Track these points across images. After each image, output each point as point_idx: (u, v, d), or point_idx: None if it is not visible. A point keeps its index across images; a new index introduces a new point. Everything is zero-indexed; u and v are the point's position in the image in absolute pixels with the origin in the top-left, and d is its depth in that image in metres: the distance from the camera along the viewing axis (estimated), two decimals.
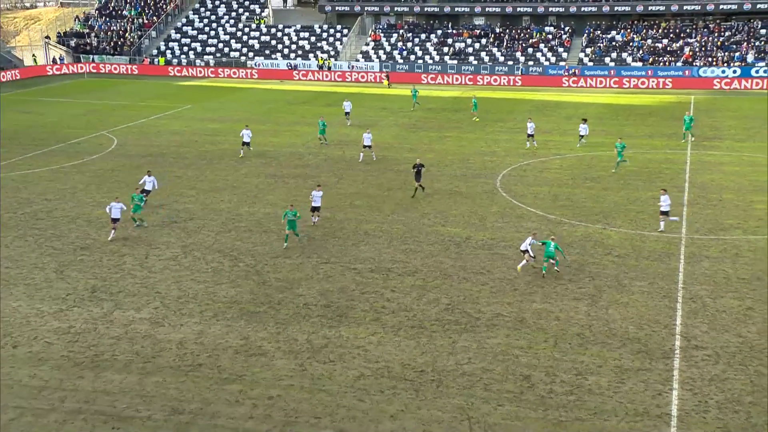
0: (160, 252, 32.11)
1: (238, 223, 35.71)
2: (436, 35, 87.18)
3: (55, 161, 46.58)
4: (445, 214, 36.93)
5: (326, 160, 47.19)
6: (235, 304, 27.15)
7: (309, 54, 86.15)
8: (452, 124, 59.38)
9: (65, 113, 62.03)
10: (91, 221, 35.76)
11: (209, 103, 67.89)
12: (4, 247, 32.47)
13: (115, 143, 51.72)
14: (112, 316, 26.20)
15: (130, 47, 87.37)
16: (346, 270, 30.26)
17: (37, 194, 39.73)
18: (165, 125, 58.10)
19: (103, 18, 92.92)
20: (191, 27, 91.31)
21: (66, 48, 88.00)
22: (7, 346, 24.04)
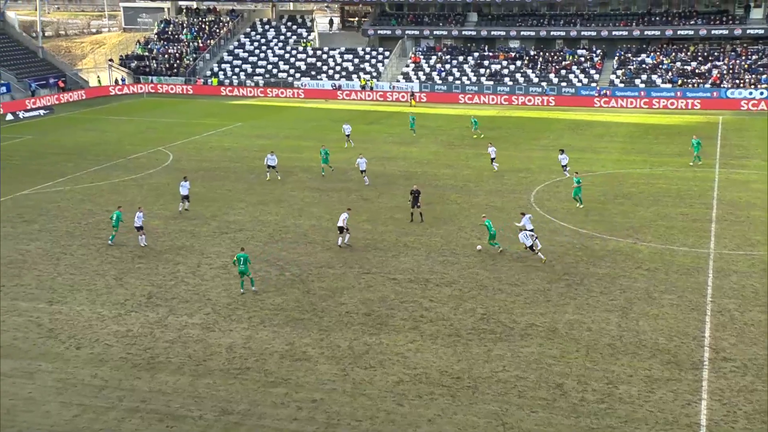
0: (212, 261, 32.38)
1: (284, 235, 35.89)
2: (473, 57, 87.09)
3: (116, 175, 47.28)
4: (481, 228, 36.72)
5: (368, 176, 47.26)
6: (281, 311, 27.25)
7: (352, 75, 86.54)
8: (488, 141, 59.11)
9: (126, 130, 63.00)
10: (148, 231, 36.17)
11: (258, 121, 68.47)
12: (69, 255, 33.00)
13: (171, 158, 52.37)
14: (167, 320, 26.46)
15: (186, 69, 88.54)
16: (386, 280, 30.23)
17: (99, 206, 40.34)
18: (217, 142, 58.70)
19: (161, 42, 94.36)
20: (242, 50, 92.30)
21: (127, 70, 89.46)
22: (71, 348, 24.40)
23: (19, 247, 33.79)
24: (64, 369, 23.00)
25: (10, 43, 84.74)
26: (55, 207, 40.09)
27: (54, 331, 25.54)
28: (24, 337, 25.08)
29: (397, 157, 52.80)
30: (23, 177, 46.51)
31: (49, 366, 23.17)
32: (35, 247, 33.88)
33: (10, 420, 20.34)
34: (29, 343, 24.72)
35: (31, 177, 46.52)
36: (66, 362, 23.45)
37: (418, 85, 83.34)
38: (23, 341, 24.82)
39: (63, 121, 68.00)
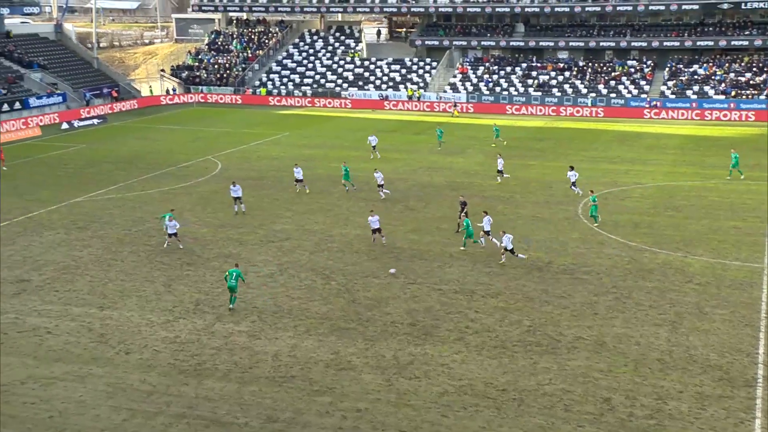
0: (258, 269, 32.67)
1: (330, 244, 36.06)
2: (521, 68, 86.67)
3: (166, 183, 48.03)
4: (527, 239, 36.46)
5: (414, 186, 47.30)
6: (327, 320, 27.35)
7: (399, 85, 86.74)
8: (535, 152, 58.76)
9: (176, 139, 64.01)
10: (196, 239, 36.68)
11: (305, 131, 69.01)
12: (120, 261, 33.60)
13: (219, 167, 53.03)
14: (214, 328, 26.75)
15: (235, 79, 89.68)
16: (431, 290, 30.16)
17: (149, 213, 41.01)
18: (265, 151, 59.28)
19: (211, 52, 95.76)
20: (291, 60, 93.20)
21: (178, 80, 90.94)
22: (121, 353, 24.82)
23: (73, 253, 34.50)
24: (113, 374, 23.39)
25: (67, 54, 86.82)
26: (107, 214, 40.87)
27: (105, 336, 26.00)
28: (76, 342, 25.58)
29: (443, 168, 52.72)
30: (77, 184, 47.53)
31: (99, 370, 23.59)
32: (87, 253, 34.56)
33: (62, 422, 20.75)
34: (81, 347, 25.20)
35: (84, 185, 47.52)
36: (116, 367, 23.85)
37: (465, 95, 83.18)
38: (75, 346, 25.32)
39: (116, 130, 69.36)
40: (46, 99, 74.15)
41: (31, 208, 41.75)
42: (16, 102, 71.00)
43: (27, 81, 75.86)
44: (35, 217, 40.22)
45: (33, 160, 55.62)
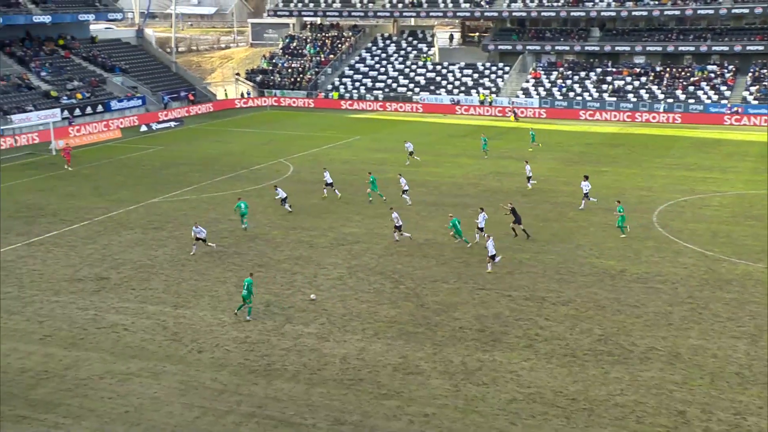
0: (328, 272, 32.93)
1: (399, 248, 36.10)
2: (596, 73, 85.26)
3: (239, 185, 48.86)
4: (600, 247, 35.83)
5: (485, 191, 47.00)
6: (395, 324, 27.39)
7: (471, 90, 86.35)
8: (609, 159, 57.71)
9: (249, 142, 65.07)
10: (268, 241, 37.20)
11: (376, 135, 69.29)
12: (194, 261, 34.33)
13: (291, 170, 53.67)
14: (284, 329, 27.07)
15: (308, 83, 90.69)
16: (501, 297, 29.91)
17: (222, 215, 41.79)
18: (336, 154, 59.75)
19: (285, 56, 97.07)
20: (363, 64, 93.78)
21: (252, 84, 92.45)
22: (193, 351, 25.34)
23: (149, 252, 35.40)
24: (186, 371, 23.90)
25: (147, 58, 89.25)
26: (181, 215, 41.80)
27: (178, 335, 26.59)
28: (151, 339, 26.23)
29: (514, 173, 52.24)
30: (154, 185, 48.77)
31: (173, 368, 24.14)
32: (162, 252, 35.41)
33: (137, 417, 21.30)
34: (155, 345, 25.83)
35: (161, 186, 48.73)
36: (188, 365, 24.36)
37: (537, 100, 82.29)
38: (150, 343, 25.97)
39: (191, 132, 70.93)
40: (127, 102, 76.34)
41: (111, 208, 43.02)
42: (98, 105, 73.31)
43: (109, 84, 78.26)
44: (115, 217, 41.43)
45: (113, 161, 57.30)
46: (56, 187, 48.25)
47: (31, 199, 45.08)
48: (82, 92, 73.61)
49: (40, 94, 70.88)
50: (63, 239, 37.39)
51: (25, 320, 27.83)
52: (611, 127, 74.18)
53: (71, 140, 64.02)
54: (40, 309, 28.84)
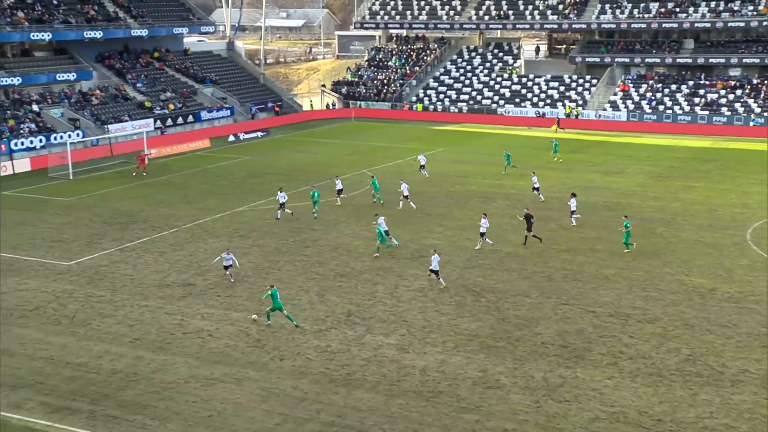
0: (409, 283, 32.99)
1: (481, 261, 35.89)
2: (688, 86, 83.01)
3: (323, 196, 49.29)
4: (689, 264, 34.81)
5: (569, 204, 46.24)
6: (476, 338, 27.22)
7: (557, 103, 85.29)
8: (700, 174, 56.07)
9: (333, 153, 65.85)
10: (350, 251, 37.53)
11: (460, 147, 69.12)
12: (277, 270, 34.92)
13: None
14: (364, 339, 27.23)
15: (393, 94, 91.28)
16: (584, 312, 29.38)
17: (305, 225, 42.37)
18: (417, 166, 59.75)
19: (371, 68, 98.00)
20: (448, 76, 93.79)
21: (338, 95, 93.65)
22: (275, 359, 25.76)
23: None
24: (268, 378, 24.30)
25: (236, 69, 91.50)
26: (266, 224, 42.59)
27: (261, 342, 27.07)
28: (234, 346, 26.79)
29: (600, 187, 51.31)
30: (240, 194, 49.87)
31: (255, 374, 24.58)
32: (247, 261, 36.13)
33: (220, 422, 21.77)
34: (239, 351, 26.37)
35: (246, 195, 49.79)
36: (270, 372, 24.76)
37: (625, 113, 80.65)
38: (234, 349, 26.52)
39: (277, 143, 72.27)
40: (216, 112, 78.40)
41: (199, 216, 44.18)
42: (189, 115, 75.53)
43: (200, 95, 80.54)
44: (202, 225, 42.53)
45: (202, 170, 58.87)
46: (147, 195, 49.88)
47: (124, 206, 46.71)
48: (175, 103, 75.98)
49: (135, 104, 73.49)
50: (153, 245, 38.60)
51: (117, 323, 28.83)
52: (703, 141, 72.05)
53: (163, 149, 66.12)
54: (130, 313, 29.83)
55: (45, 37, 69.90)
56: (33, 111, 65.45)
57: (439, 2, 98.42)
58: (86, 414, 22.16)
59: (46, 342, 27.13)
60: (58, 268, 35.25)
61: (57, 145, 61.58)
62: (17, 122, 62.56)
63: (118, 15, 79.20)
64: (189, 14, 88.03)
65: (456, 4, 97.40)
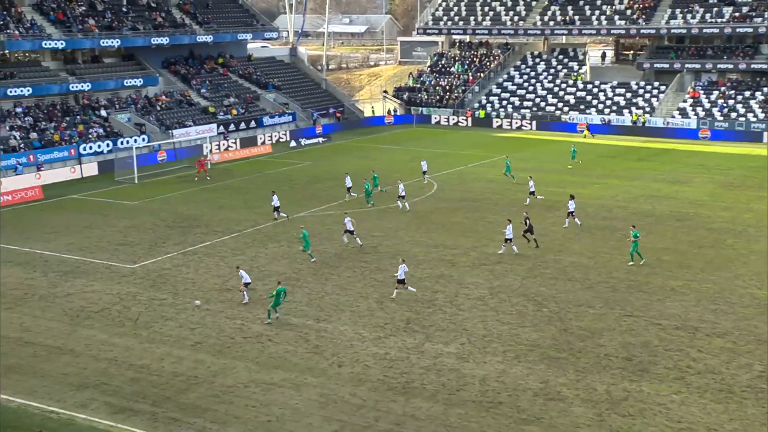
0: (469, 291, 32.81)
1: (543, 270, 35.50)
2: (762, 92, 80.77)
3: (383, 202, 49.54)
4: (761, 277, 33.83)
5: (633, 214, 45.45)
6: (537, 348, 26.91)
7: (623, 110, 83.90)
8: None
9: (394, 159, 65.97)
10: (409, 258, 37.49)
11: (523, 154, 68.55)
12: (336, 276, 35.12)
13: (435, 188, 53.93)
14: (423, 347, 27.17)
15: (455, 101, 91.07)
16: (649, 325, 28.78)
17: (366, 231, 42.51)
18: (481, 173, 59.55)
19: (433, 74, 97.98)
20: (511, 82, 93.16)
21: (399, 101, 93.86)
22: (334, 365, 25.88)
23: (294, 265, 36.51)
24: (326, 385, 24.42)
25: (299, 75, 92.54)
26: (326, 230, 42.87)
27: (319, 348, 27.24)
28: (293, 351, 27.01)
29: (667, 197, 50.27)
30: (301, 200, 50.34)
31: (314, 380, 24.74)
32: (307, 266, 36.41)
33: (278, 427, 21.96)
34: (298, 356, 26.57)
35: (307, 200, 50.23)
36: (329, 378, 24.89)
37: (695, 121, 78.89)
38: (293, 354, 26.74)
39: (338, 148, 72.75)
40: (278, 118, 79.33)
41: (260, 221, 44.72)
42: (251, 120, 76.62)
43: (262, 101, 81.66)
44: (262, 230, 43.05)
45: (263, 175, 59.60)
46: (209, 200, 50.73)
47: (186, 210, 47.59)
48: (238, 108, 77.19)
49: (199, 110, 74.89)
50: (214, 249, 39.21)
51: (179, 326, 29.36)
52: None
53: (225, 154, 67.19)
54: (191, 316, 30.34)
55: (114, 44, 71.81)
56: (101, 116, 67.25)
57: (503, 8, 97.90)
58: (148, 416, 22.60)
59: (111, 343, 27.78)
60: (122, 270, 36.09)
61: (123, 150, 63.15)
62: (86, 127, 64.35)
63: (184, 21, 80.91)
64: (253, 20, 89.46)
65: (520, 9, 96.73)
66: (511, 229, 37.32)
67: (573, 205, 42.57)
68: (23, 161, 56.95)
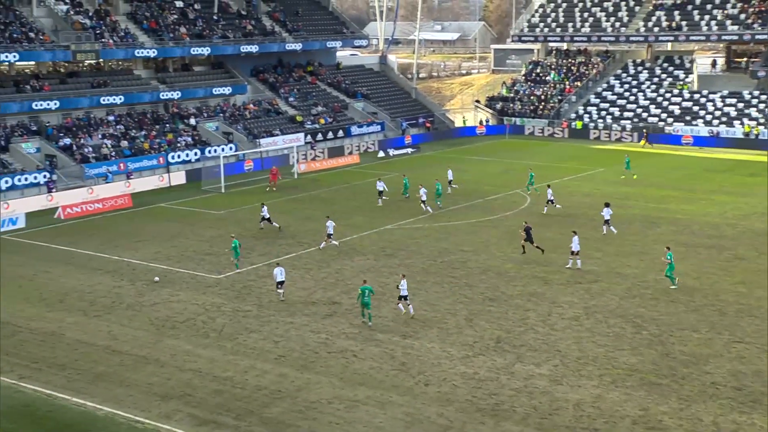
0: (563, 311, 32.30)
1: (643, 290, 34.64)
2: None
3: (473, 215, 49.36)
4: None
5: (745, 232, 43.92)
6: (636, 373, 26.25)
7: (734, 121, 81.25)
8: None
9: (485, 171, 65.63)
10: (500, 274, 37.21)
11: (622, 167, 67.12)
12: (424, 291, 35.09)
13: (528, 201, 53.36)
14: (514, 368, 26.86)
15: (550, 111, 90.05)
16: (762, 352, 27.70)
17: (455, 245, 42.39)
18: (577, 187, 58.62)
19: (527, 83, 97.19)
20: (611, 92, 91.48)
21: (492, 111, 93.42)
22: (420, 384, 25.85)
23: (380, 279, 36.67)
24: (412, 404, 24.40)
25: (389, 84, 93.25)
26: (413, 243, 42.94)
27: (405, 365, 27.25)
28: (379, 368, 27.11)
29: None
30: (388, 212, 50.58)
31: (399, 399, 24.75)
32: (393, 281, 36.37)
33: None
34: (383, 373, 26.65)
35: (394, 212, 50.44)
36: (415, 397, 24.86)
37: None
38: (378, 371, 26.84)
39: (428, 159, 72.82)
40: (366, 127, 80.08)
41: (346, 233, 45.15)
42: (339, 130, 77.59)
43: (350, 110, 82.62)
44: (348, 242, 43.44)
45: (350, 186, 60.19)
46: (295, 210, 51.53)
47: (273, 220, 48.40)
48: (325, 117, 78.31)
49: (287, 118, 76.34)
50: (299, 261, 39.79)
51: (263, 339, 29.87)
52: None
53: (312, 164, 68.19)
54: (276, 329, 30.83)
55: (204, 52, 74.03)
56: (190, 124, 69.30)
57: (603, 13, 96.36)
58: (231, 429, 23.05)
59: (195, 354, 28.49)
60: (207, 281, 37.01)
61: (210, 159, 64.86)
62: (175, 135, 66.41)
63: (273, 29, 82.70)
64: (343, 28, 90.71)
65: (622, 15, 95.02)
66: (577, 241, 37.59)
67: (609, 212, 43.72)
68: (114, 169, 59.16)
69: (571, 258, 38.03)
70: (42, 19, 65.88)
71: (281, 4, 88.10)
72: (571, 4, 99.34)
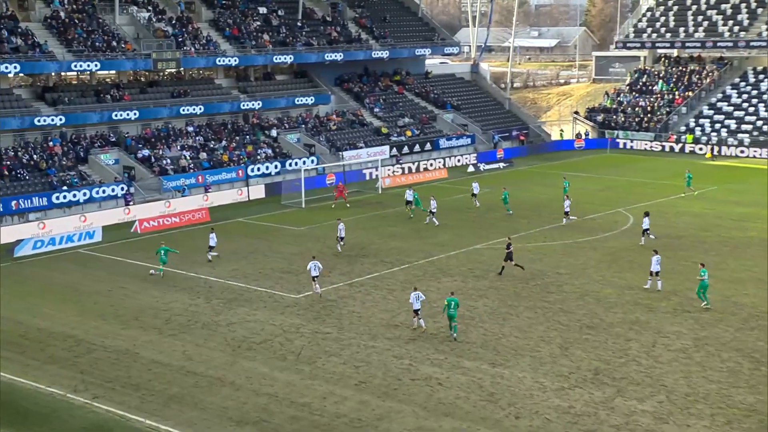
0: (669, 342, 31.46)
1: (762, 321, 33.46)
2: None
3: (570, 235, 48.65)
4: None
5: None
6: (755, 414, 25.32)
7: None
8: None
9: (584, 188, 64.61)
10: (599, 300, 36.51)
11: (738, 185, 65.22)
12: (515, 316, 34.71)
13: (631, 221, 52.28)
14: (614, 402, 26.28)
15: (657, 123, 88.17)
16: None
17: (550, 267, 41.82)
18: (685, 206, 57.17)
19: (632, 93, 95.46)
20: (727, 103, 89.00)
21: (592, 123, 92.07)
22: (510, 416, 25.52)
23: (468, 302, 36.44)
24: None
25: (480, 94, 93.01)
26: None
27: (494, 396, 26.96)
28: (465, 397, 26.89)
29: None
30: (477, 230, 50.30)
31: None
32: (482, 304, 36.27)
33: None
34: (470, 404, 26.42)
35: (485, 231, 50.11)
36: (504, 430, 24.55)
37: None
38: (465, 401, 26.62)
39: (521, 174, 72.25)
40: (456, 140, 79.99)
41: (432, 253, 45.08)
42: (426, 143, 77.70)
43: (439, 122, 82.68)
44: (435, 262, 43.36)
45: (438, 202, 60.05)
46: (379, 227, 51.76)
47: (355, 237, 48.71)
48: (412, 129, 78.55)
49: (372, 130, 76.85)
50: (382, 282, 39.90)
51: (342, 363, 30.02)
52: None
53: (397, 178, 68.44)
54: (356, 353, 30.94)
55: (287, 60, 75.35)
56: (270, 136, 70.50)
57: (720, 16, 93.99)
58: None
59: (272, 377, 28.82)
60: (286, 300, 37.47)
61: (291, 172, 65.68)
62: (255, 147, 67.66)
63: (359, 36, 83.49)
64: (433, 34, 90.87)
65: (742, 18, 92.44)
66: (657, 261, 37.62)
67: (648, 222, 45.71)
68: (191, 182, 60.62)
69: (650, 278, 37.71)
70: (124, 27, 68.11)
71: (368, 9, 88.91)
72: (683, 7, 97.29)
